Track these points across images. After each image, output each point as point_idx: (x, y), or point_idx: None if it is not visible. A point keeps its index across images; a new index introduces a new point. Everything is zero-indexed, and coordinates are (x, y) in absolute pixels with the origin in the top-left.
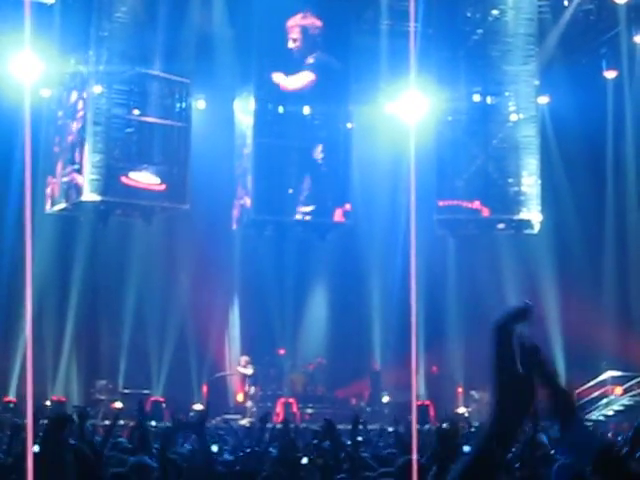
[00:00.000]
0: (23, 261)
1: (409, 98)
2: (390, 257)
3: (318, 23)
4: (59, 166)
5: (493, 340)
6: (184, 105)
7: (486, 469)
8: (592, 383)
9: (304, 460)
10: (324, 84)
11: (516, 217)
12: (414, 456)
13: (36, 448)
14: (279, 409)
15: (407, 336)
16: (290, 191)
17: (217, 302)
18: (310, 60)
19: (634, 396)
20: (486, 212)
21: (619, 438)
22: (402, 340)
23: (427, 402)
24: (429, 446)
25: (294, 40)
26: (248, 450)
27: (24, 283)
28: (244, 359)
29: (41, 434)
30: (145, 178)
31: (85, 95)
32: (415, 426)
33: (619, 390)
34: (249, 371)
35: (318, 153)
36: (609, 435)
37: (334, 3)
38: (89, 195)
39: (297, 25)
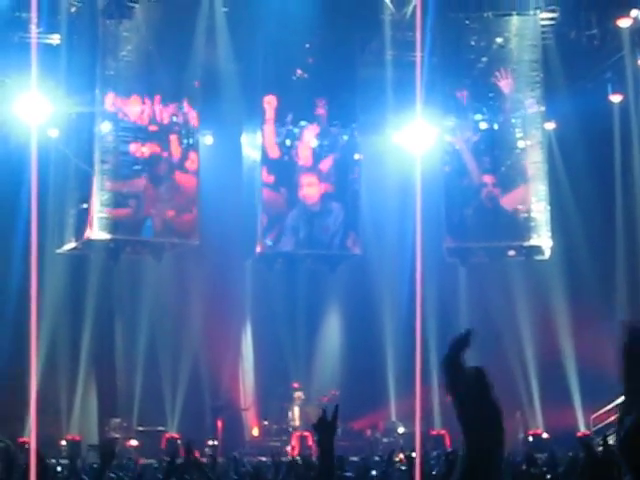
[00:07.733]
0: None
1: (415, 128)
2: (401, 286)
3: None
4: (68, 205)
5: (446, 377)
6: (191, 141)
7: None
8: (608, 407)
9: None
10: (332, 116)
11: (526, 244)
12: None
13: None
14: (295, 443)
15: (421, 366)
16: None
17: (229, 337)
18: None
19: None
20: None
21: None
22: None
23: (442, 431)
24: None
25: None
26: None
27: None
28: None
29: None
30: None
31: (92, 134)
32: (419, 457)
33: None
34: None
35: (327, 185)
36: None
37: (338, 36)
38: (98, 233)
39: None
